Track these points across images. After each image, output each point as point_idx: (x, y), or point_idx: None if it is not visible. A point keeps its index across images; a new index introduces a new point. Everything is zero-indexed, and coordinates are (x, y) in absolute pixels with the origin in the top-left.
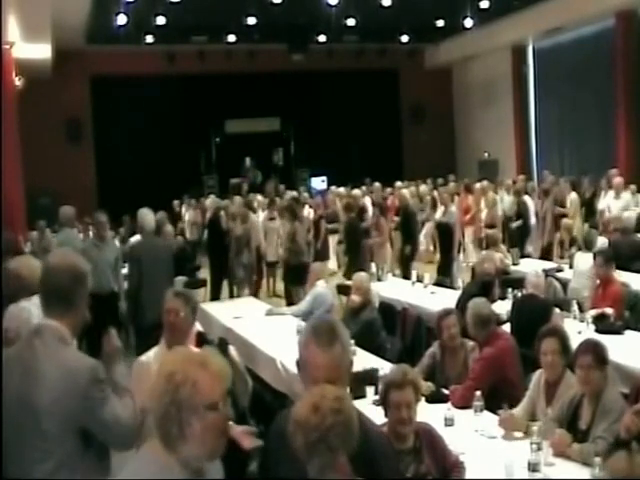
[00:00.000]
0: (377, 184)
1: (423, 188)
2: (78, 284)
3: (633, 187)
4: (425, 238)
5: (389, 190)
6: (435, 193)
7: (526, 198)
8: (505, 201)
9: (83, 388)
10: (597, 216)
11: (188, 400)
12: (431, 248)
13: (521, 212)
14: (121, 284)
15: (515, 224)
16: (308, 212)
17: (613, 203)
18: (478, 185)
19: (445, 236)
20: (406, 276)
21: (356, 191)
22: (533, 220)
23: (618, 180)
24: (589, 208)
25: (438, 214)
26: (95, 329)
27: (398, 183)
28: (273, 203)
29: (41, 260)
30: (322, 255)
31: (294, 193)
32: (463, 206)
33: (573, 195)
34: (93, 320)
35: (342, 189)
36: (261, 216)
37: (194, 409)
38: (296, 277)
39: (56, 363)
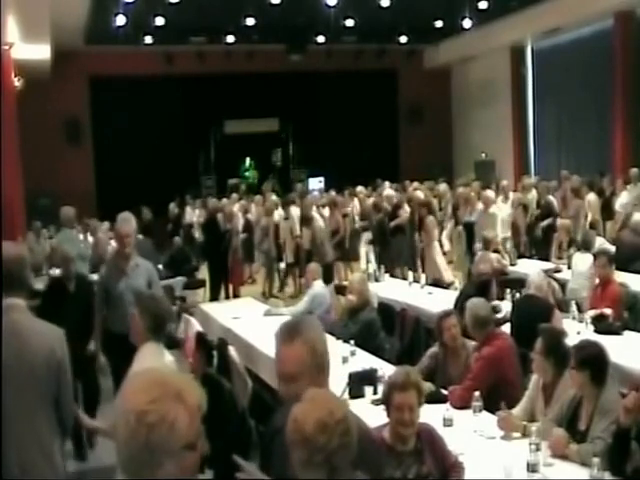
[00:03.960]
0: (387, 183)
1: (443, 187)
2: (29, 271)
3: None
4: (447, 239)
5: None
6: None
7: (551, 198)
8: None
9: (59, 354)
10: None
11: (163, 443)
12: (447, 248)
13: (550, 211)
14: None
15: (545, 223)
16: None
17: None
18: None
19: (474, 235)
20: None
21: (389, 191)
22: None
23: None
24: (606, 208)
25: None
26: (117, 372)
27: (415, 184)
28: (288, 203)
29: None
30: (351, 254)
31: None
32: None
33: (592, 196)
34: (113, 362)
35: (361, 188)
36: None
37: (170, 452)
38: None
39: (37, 330)
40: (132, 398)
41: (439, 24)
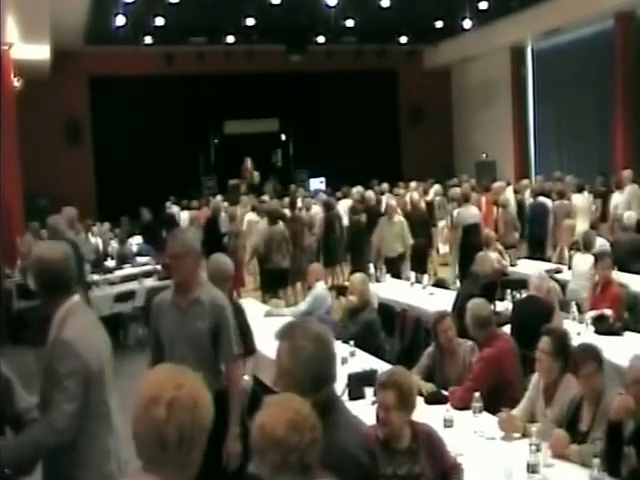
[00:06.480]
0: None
1: (437, 188)
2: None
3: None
4: (441, 241)
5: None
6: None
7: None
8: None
9: None
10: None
11: (201, 422)
12: (443, 249)
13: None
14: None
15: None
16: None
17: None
18: (495, 185)
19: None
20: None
21: (356, 191)
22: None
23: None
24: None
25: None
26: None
27: (412, 184)
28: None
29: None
30: (338, 258)
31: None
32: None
33: (578, 197)
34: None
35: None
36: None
37: (204, 432)
38: (270, 282)
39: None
40: (174, 385)
41: (439, 24)
